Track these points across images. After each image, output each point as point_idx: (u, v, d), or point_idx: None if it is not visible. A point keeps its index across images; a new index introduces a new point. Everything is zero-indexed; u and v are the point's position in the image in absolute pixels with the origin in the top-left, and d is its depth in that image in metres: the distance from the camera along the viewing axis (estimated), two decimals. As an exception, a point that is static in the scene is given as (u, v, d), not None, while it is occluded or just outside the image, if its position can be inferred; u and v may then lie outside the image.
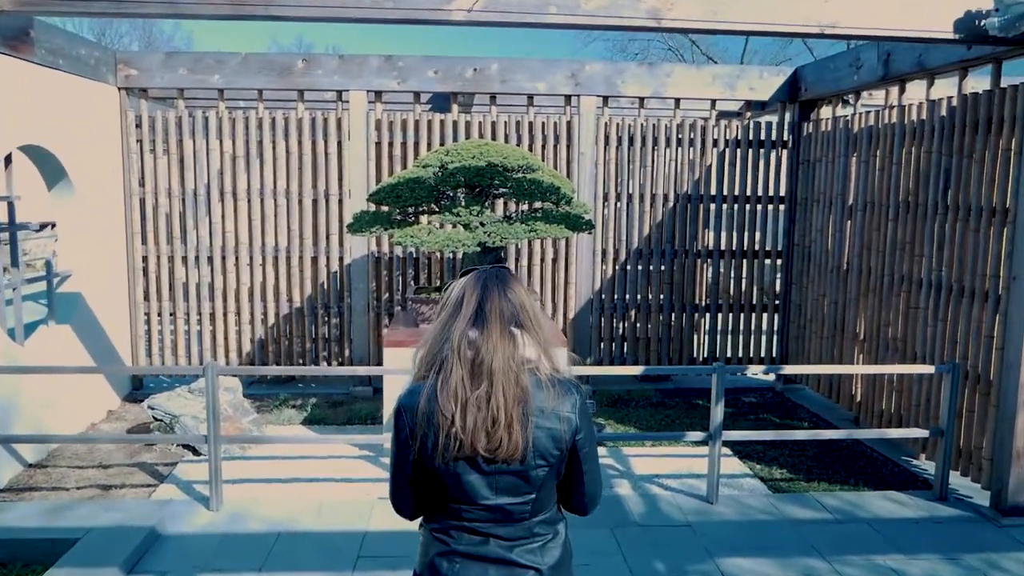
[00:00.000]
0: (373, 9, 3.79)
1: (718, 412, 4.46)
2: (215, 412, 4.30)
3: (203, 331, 6.84)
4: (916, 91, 5.60)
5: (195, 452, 5.35)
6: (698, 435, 4.65)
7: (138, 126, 6.60)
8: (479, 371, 1.68)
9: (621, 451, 5.48)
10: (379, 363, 6.52)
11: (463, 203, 5.11)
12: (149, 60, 6.50)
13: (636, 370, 4.59)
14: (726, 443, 5.21)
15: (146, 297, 6.81)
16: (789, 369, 6.00)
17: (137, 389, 6.90)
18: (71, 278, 6.01)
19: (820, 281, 6.56)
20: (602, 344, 7.13)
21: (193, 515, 4.30)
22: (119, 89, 6.52)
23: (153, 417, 5.58)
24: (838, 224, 6.20)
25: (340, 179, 6.70)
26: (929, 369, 4.60)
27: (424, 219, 5.77)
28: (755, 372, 4.57)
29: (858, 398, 5.93)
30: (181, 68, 6.49)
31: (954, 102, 4.89)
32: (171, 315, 6.82)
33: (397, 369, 4.73)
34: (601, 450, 5.46)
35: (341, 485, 4.78)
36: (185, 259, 6.76)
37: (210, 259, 6.73)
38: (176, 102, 6.67)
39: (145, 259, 6.75)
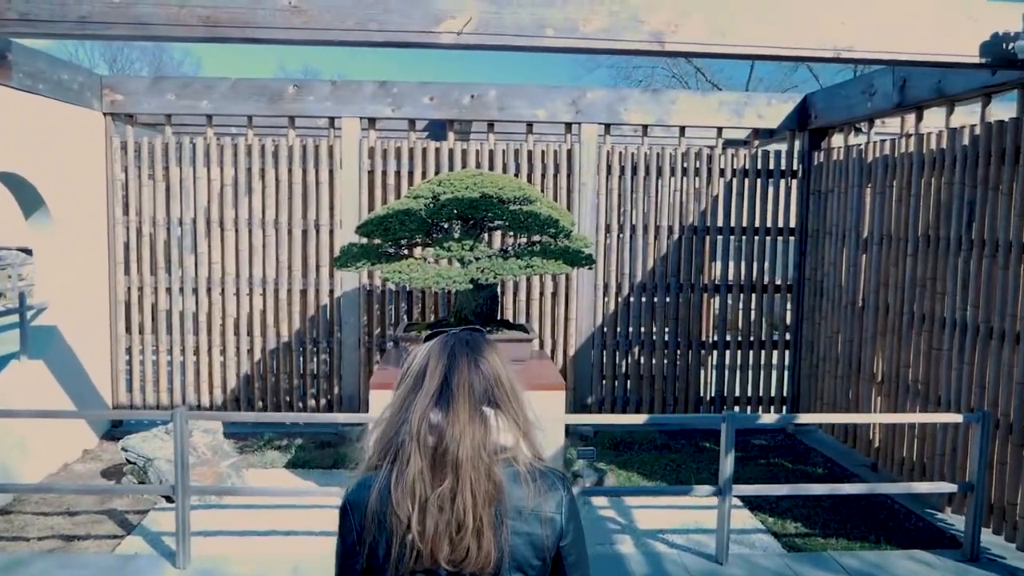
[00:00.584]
0: (357, 31, 3.53)
1: (728, 464, 4.13)
2: (183, 461, 3.99)
3: (186, 365, 6.55)
4: (934, 119, 5.32)
5: (169, 499, 5.02)
6: (707, 489, 4.31)
7: (124, 152, 6.36)
8: (442, 462, 1.37)
9: (624, 502, 5.13)
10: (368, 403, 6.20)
11: (456, 236, 4.83)
12: (136, 85, 6.28)
13: (639, 419, 4.26)
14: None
15: (128, 330, 6.53)
16: (806, 418, 5.57)
17: (117, 426, 6.59)
18: (47, 310, 5.73)
19: (833, 317, 6.24)
20: (604, 382, 6.81)
21: (157, 573, 3.97)
22: (104, 115, 6.29)
23: (127, 460, 5.27)
24: (852, 258, 5.90)
25: (331, 209, 6.43)
26: (957, 418, 4.27)
27: (418, 251, 5.49)
28: (767, 421, 4.25)
29: (876, 443, 5.59)
30: (169, 93, 6.26)
31: (977, 130, 4.60)
32: (154, 348, 6.53)
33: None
34: (602, 500, 5.12)
35: (321, 540, 4.45)
36: (169, 290, 6.48)
37: (195, 290, 6.46)
38: (163, 128, 6.43)
39: (128, 290, 6.48)
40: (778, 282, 6.88)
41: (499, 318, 5.53)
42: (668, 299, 6.75)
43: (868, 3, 3.52)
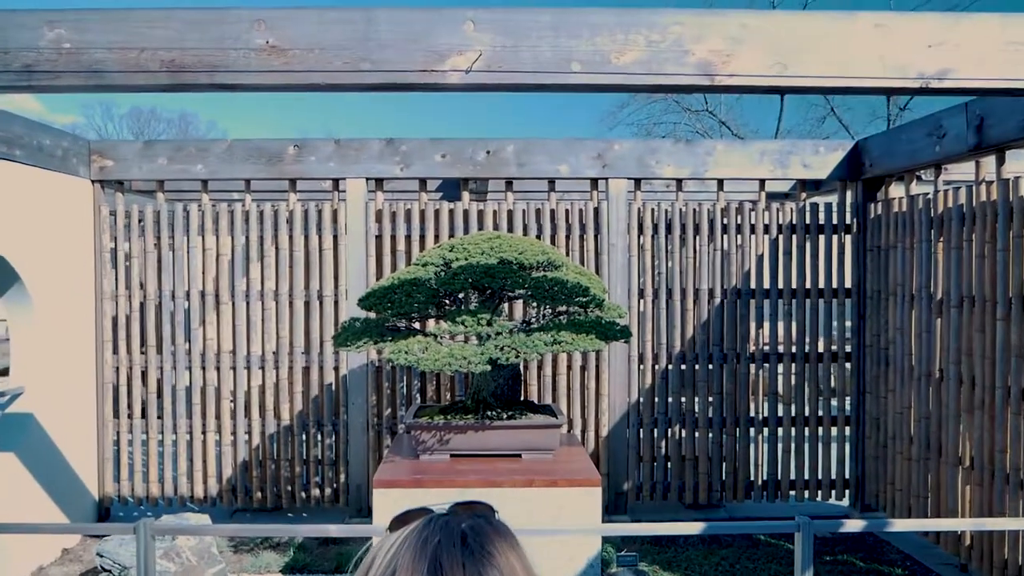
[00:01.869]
0: (346, 73, 2.97)
1: (803, 581, 3.38)
2: (146, 587, 3.32)
3: (179, 453, 5.92)
4: (1013, 164, 4.67)
5: (144, 617, 4.34)
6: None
7: (113, 221, 5.86)
8: None
9: (672, 615, 4.37)
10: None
11: (472, 308, 4.21)
12: (126, 150, 5.81)
13: (695, 528, 3.52)
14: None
15: (116, 415, 5.93)
16: (904, 525, 4.49)
17: (103, 518, 5.95)
18: (23, 396, 5.16)
19: (903, 391, 5.49)
20: (641, 465, 6.07)
21: None
22: (92, 182, 5.81)
23: (100, 567, 4.62)
24: (924, 322, 5.18)
25: (336, 278, 5.86)
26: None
27: (431, 324, 4.88)
28: (854, 528, 3.51)
29: (967, 540, 4.78)
30: (160, 157, 5.78)
31: (1076, 176, 3.94)
32: (143, 434, 5.92)
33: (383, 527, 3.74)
34: (647, 615, 4.36)
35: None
36: (161, 371, 5.90)
37: (189, 369, 5.87)
38: (156, 195, 5.94)
39: (116, 371, 5.91)
40: (834, 349, 6.15)
41: (522, 399, 4.87)
42: (711, 370, 6.05)
43: (965, 22, 2.91)
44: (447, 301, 4.43)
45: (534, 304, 4.99)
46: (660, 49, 2.90)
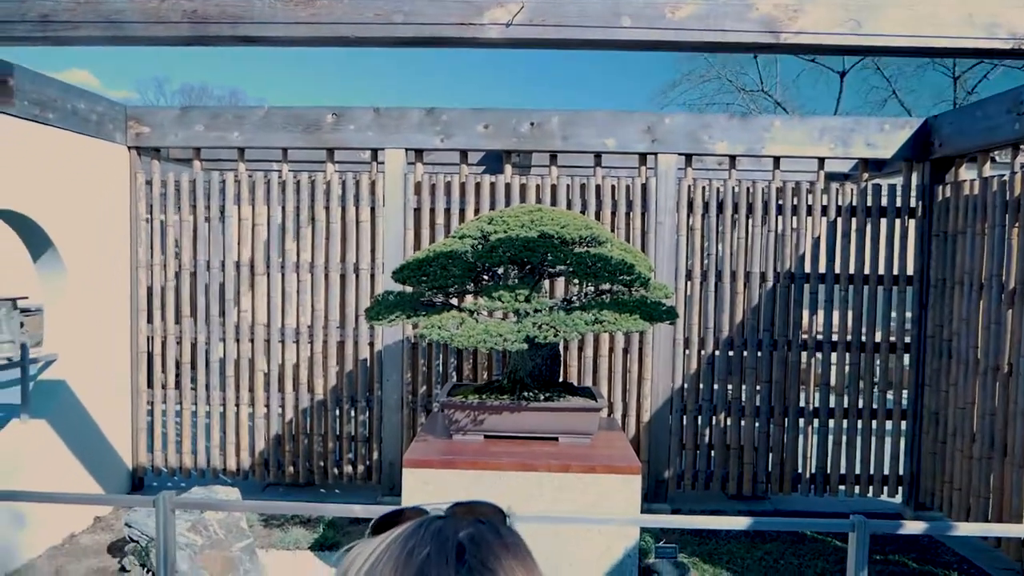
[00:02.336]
0: (378, 26, 2.78)
1: (857, 586, 3.14)
2: (166, 559, 3.21)
3: (212, 425, 5.85)
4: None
5: (169, 591, 4.26)
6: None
7: (149, 189, 5.77)
8: None
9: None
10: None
11: (509, 284, 4.01)
12: (162, 116, 5.71)
13: (741, 523, 3.28)
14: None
15: (150, 384, 5.88)
16: (968, 528, 3.92)
17: (137, 488, 5.93)
18: (56, 363, 5.12)
19: (967, 385, 5.16)
20: (684, 453, 5.83)
21: None
22: (129, 149, 5.73)
23: (128, 537, 4.55)
24: (993, 313, 4.84)
25: (372, 251, 5.71)
26: None
27: (469, 300, 4.69)
28: (914, 530, 3.25)
29: (1033, 547, 4.47)
30: (197, 124, 5.67)
31: None
32: (177, 404, 5.86)
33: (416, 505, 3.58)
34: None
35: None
36: (195, 342, 5.82)
37: (223, 340, 5.78)
38: (193, 163, 5.83)
39: (150, 340, 5.85)
40: (892, 339, 5.81)
41: (560, 380, 4.66)
42: (760, 357, 5.76)
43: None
44: (485, 276, 4.24)
45: (575, 281, 4.78)
46: (719, 3, 2.65)
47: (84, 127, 5.17)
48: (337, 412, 5.83)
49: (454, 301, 4.36)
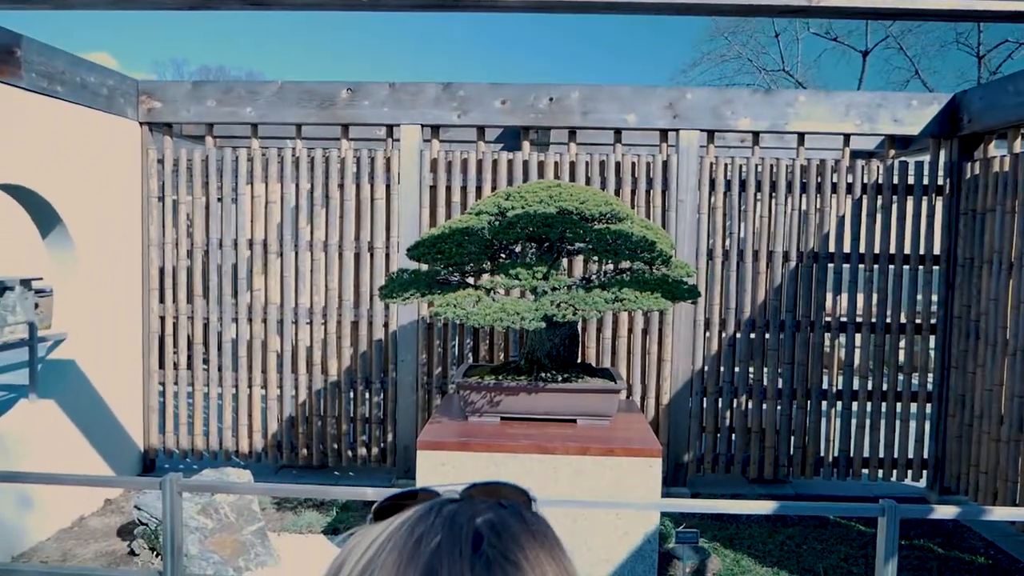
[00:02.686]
0: (394, -12, 2.66)
1: (889, 573, 3.03)
2: (173, 545, 3.14)
3: (224, 406, 5.78)
4: None
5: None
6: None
7: (160, 166, 5.69)
8: None
9: (735, 598, 4.06)
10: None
11: (527, 261, 3.90)
12: (175, 91, 5.62)
13: (766, 506, 3.16)
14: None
15: (161, 364, 5.82)
16: (1004, 512, 3.82)
17: (149, 470, 5.88)
18: (65, 342, 5.06)
19: (995, 366, 5.02)
20: (704, 436, 5.72)
21: None
22: (140, 124, 5.64)
23: (138, 520, 4.50)
24: (1023, 293, 4.70)
25: (387, 229, 5.61)
26: None
27: (485, 278, 4.59)
28: (946, 515, 3.13)
29: (1066, 534, 4.34)
30: (209, 99, 5.57)
31: None
32: (189, 385, 5.80)
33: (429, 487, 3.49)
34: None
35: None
36: (207, 322, 5.75)
37: (235, 321, 5.71)
38: (205, 139, 5.74)
39: (162, 320, 5.78)
40: (918, 320, 5.67)
41: (579, 361, 4.56)
42: (782, 338, 5.64)
43: None
44: (502, 254, 4.13)
45: (594, 260, 4.66)
46: (753, -39, 2.51)
47: (94, 101, 5.08)
48: (351, 394, 5.75)
49: (470, 280, 4.26)
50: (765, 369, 5.68)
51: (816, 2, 2.62)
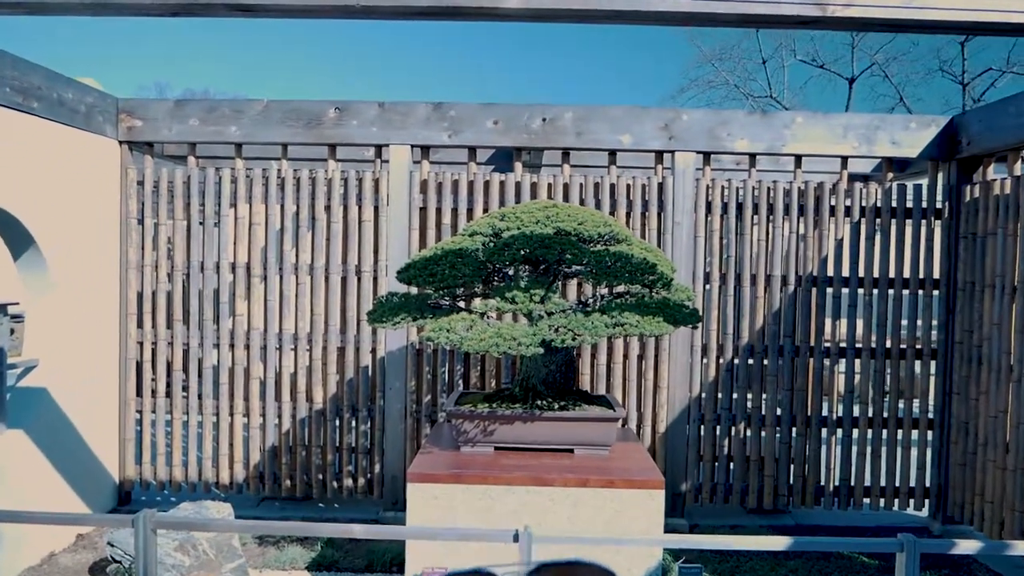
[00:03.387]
0: (387, -5, 2.52)
1: (910, 614, 2.86)
2: (148, 587, 2.92)
3: (204, 436, 5.56)
4: None
5: (156, 613, 3.96)
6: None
7: (140, 187, 5.50)
8: None
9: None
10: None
11: (523, 284, 3.74)
12: (156, 109, 5.45)
13: (779, 543, 2.97)
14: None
15: (139, 392, 5.60)
16: None
17: (124, 503, 5.63)
18: (36, 370, 4.83)
19: (999, 393, 4.89)
20: (701, 465, 5.55)
21: None
22: (120, 143, 5.46)
23: (111, 557, 4.26)
24: (1030, 318, 4.58)
25: (376, 252, 5.44)
26: None
27: (478, 303, 4.43)
28: (968, 549, 2.97)
29: (1081, 567, 4.19)
30: (192, 118, 5.41)
31: None
32: (168, 414, 5.57)
33: (418, 529, 3.29)
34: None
35: None
36: (187, 347, 5.54)
37: (217, 347, 5.50)
38: (188, 159, 5.56)
39: (140, 346, 5.56)
40: (919, 346, 5.55)
41: (575, 388, 4.39)
42: (781, 364, 5.50)
43: None
44: (496, 277, 3.97)
45: (591, 283, 4.52)
46: (765, -32, 2.40)
47: (72, 119, 4.90)
48: (337, 422, 5.55)
49: (462, 304, 4.10)
50: (764, 396, 5.53)
51: (829, 12, 2.50)
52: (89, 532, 5.12)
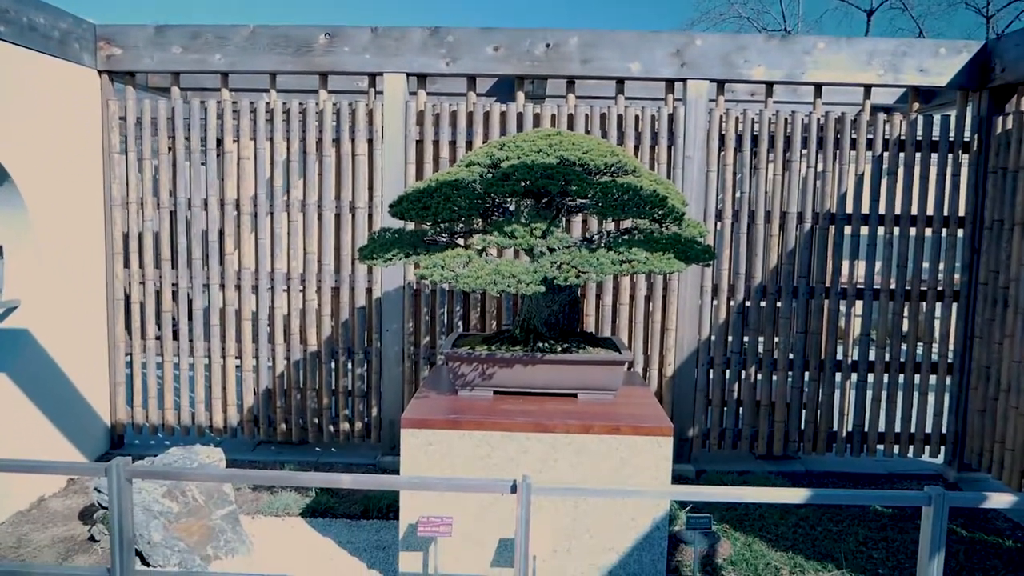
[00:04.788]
0: None
1: (934, 569, 2.67)
2: (122, 537, 2.74)
3: (196, 378, 5.38)
4: None
5: (142, 559, 3.83)
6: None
7: (123, 120, 5.22)
8: None
9: (750, 589, 3.72)
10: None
11: (523, 219, 3.49)
12: (136, 35, 5.13)
13: (797, 495, 2.76)
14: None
15: (128, 334, 5.40)
16: None
17: (117, 446, 5.49)
18: (18, 311, 4.63)
19: (1025, 336, 4.66)
20: (710, 410, 5.36)
21: None
22: (100, 73, 5.16)
23: (98, 503, 4.11)
24: (1064, 257, 4.32)
25: (370, 188, 5.17)
26: None
27: (476, 239, 4.20)
28: (1000, 504, 2.77)
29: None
30: (175, 46, 5.09)
31: None
32: (158, 355, 5.39)
33: (411, 479, 3.11)
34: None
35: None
36: (176, 288, 5.33)
37: (206, 287, 5.28)
38: (171, 89, 5.27)
39: (128, 286, 5.35)
40: (940, 287, 5.30)
41: (579, 329, 4.16)
42: (795, 306, 5.26)
43: None
44: (495, 212, 3.72)
45: (597, 218, 4.26)
46: None
47: (45, 46, 4.60)
48: (333, 365, 5.36)
49: (460, 241, 3.85)
50: (776, 339, 5.31)
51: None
52: (81, 477, 4.99)
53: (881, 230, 5.23)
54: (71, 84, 4.90)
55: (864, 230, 5.23)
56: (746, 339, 5.29)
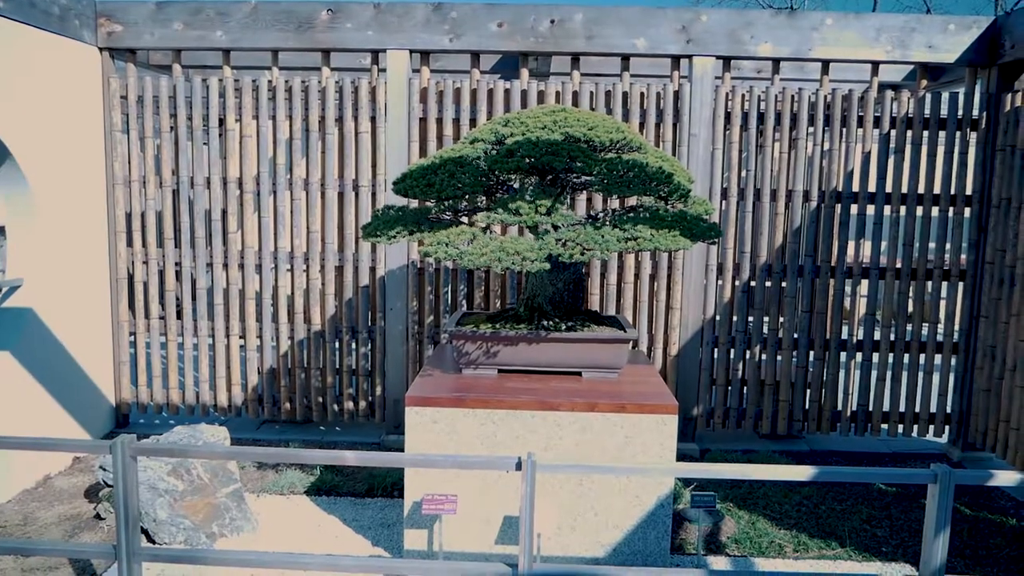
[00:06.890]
0: None
1: (939, 547, 2.67)
2: (127, 514, 2.75)
3: (200, 357, 5.38)
4: None
5: (148, 536, 3.85)
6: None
7: (124, 98, 5.19)
8: None
9: (756, 567, 3.72)
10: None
11: (528, 196, 3.46)
12: (136, 12, 5.08)
13: (803, 472, 2.75)
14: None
15: (132, 313, 5.40)
16: None
17: (122, 426, 5.50)
18: (21, 289, 4.62)
19: (1033, 315, 4.64)
20: (714, 389, 5.36)
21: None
22: (100, 50, 5.12)
23: (103, 481, 4.12)
24: (1073, 235, 4.28)
25: (374, 166, 5.15)
26: None
27: (480, 216, 4.18)
28: (1007, 481, 2.76)
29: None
30: (176, 22, 5.05)
31: None
32: (162, 335, 5.39)
33: (415, 457, 3.10)
34: (723, 563, 3.71)
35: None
36: (179, 267, 5.32)
37: (210, 266, 5.27)
38: (173, 67, 5.23)
39: (132, 265, 5.34)
40: (946, 266, 5.27)
41: (584, 308, 4.15)
42: (800, 285, 5.24)
43: None
44: (500, 189, 3.69)
45: (602, 195, 4.23)
46: None
47: (45, 22, 4.56)
48: (336, 344, 5.35)
49: (464, 219, 3.83)
50: (781, 318, 5.29)
51: None
52: (86, 455, 5.00)
53: (887, 209, 5.19)
54: (71, 61, 4.86)
55: (870, 209, 5.20)
56: (751, 318, 5.27)
